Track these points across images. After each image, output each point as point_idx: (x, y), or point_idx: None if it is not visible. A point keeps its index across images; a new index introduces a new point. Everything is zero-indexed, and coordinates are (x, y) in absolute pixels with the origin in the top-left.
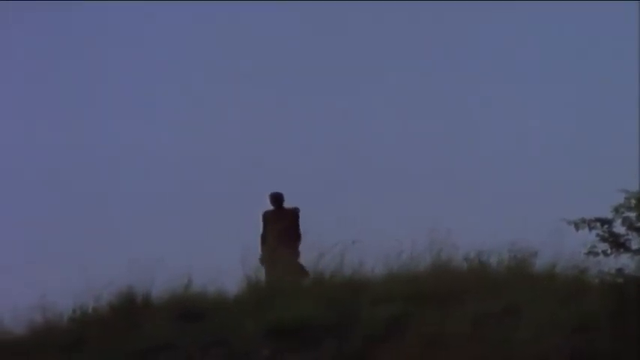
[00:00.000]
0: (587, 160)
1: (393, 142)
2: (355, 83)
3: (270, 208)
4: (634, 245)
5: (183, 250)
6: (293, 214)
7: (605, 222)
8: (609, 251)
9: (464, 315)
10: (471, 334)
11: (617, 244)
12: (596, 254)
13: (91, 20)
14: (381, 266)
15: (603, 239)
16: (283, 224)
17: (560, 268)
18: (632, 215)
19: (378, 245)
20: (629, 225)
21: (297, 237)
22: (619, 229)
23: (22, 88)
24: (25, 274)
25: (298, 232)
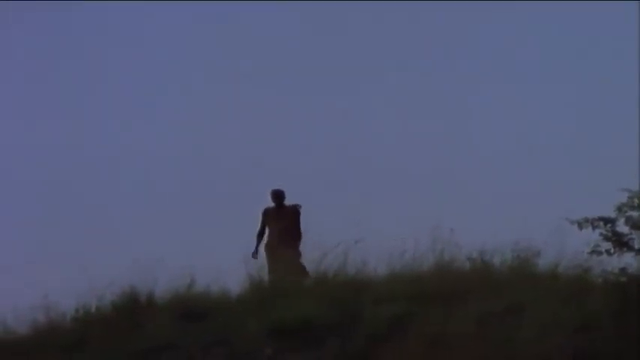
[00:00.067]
0: (587, 160)
1: (393, 142)
2: (355, 83)
3: (271, 204)
4: (637, 244)
5: (185, 249)
6: (294, 212)
7: (608, 221)
8: (612, 250)
9: (467, 314)
10: (474, 333)
11: (621, 243)
12: (599, 253)
13: (91, 20)
14: (383, 266)
15: (606, 238)
16: (284, 222)
17: (563, 267)
18: (635, 214)
19: (380, 245)
20: (633, 224)
21: (297, 235)
22: (622, 228)
23: (22, 88)
24: (27, 274)
25: (299, 230)
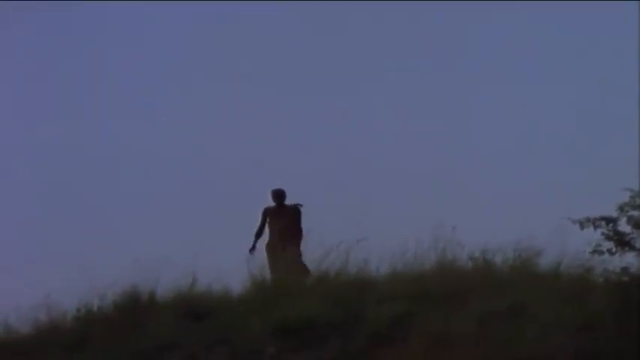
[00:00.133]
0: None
1: (393, 142)
2: (355, 83)
3: (271, 204)
4: (639, 244)
5: (187, 249)
6: (295, 212)
7: (610, 220)
8: (614, 250)
9: (468, 314)
10: (476, 333)
11: (622, 242)
12: (601, 253)
13: (91, 20)
14: (385, 265)
15: (608, 238)
16: (284, 222)
17: (564, 266)
18: (637, 214)
19: (382, 244)
20: (635, 223)
21: (298, 234)
22: (624, 227)
23: (22, 88)
24: (28, 274)
25: (300, 229)
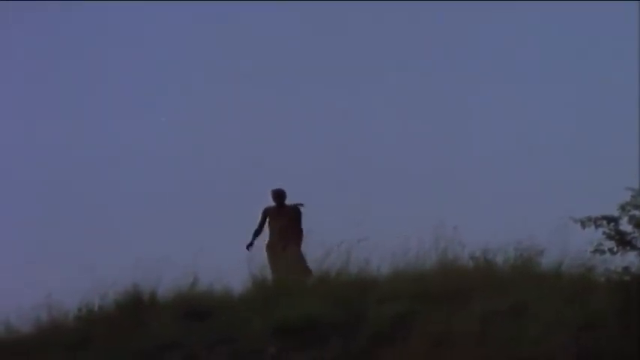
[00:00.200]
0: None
1: (393, 142)
2: (355, 83)
3: (271, 204)
4: None
5: (188, 248)
6: (295, 212)
7: (611, 220)
8: (616, 249)
9: (470, 313)
10: (478, 332)
11: (624, 242)
12: (603, 252)
13: (91, 20)
14: (387, 265)
15: (610, 237)
16: (284, 222)
17: (566, 266)
18: (638, 213)
19: (383, 243)
20: (636, 223)
21: (299, 234)
22: (625, 227)
23: (22, 88)
24: (30, 274)
25: (300, 229)
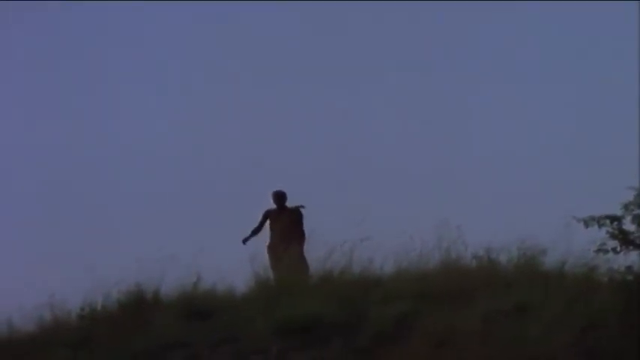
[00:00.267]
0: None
1: (394, 142)
2: (355, 83)
3: (273, 206)
4: None
5: (191, 248)
6: (296, 214)
7: (614, 219)
8: (619, 249)
9: (473, 313)
10: (481, 332)
11: (627, 241)
12: (606, 252)
13: (91, 20)
14: (390, 264)
15: (613, 236)
16: (285, 224)
17: (569, 265)
18: None
19: (386, 243)
20: (639, 222)
21: (300, 236)
22: (629, 226)
23: (22, 88)
24: (33, 273)
25: (302, 231)
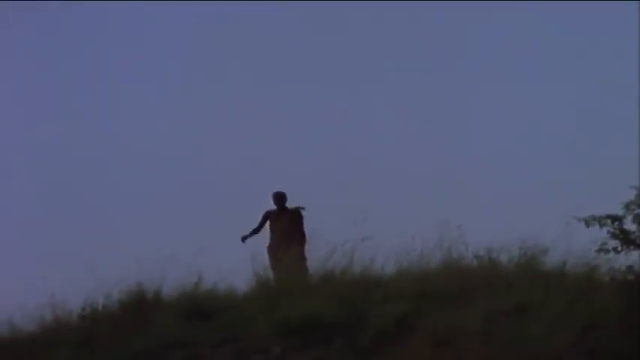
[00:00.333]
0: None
1: (394, 142)
2: (355, 83)
3: (273, 207)
4: None
5: (192, 248)
6: (296, 215)
7: (615, 219)
8: (620, 248)
9: (474, 313)
10: (482, 331)
11: (628, 241)
12: (607, 251)
13: (91, 20)
14: (391, 264)
15: (614, 236)
16: (285, 225)
17: (570, 265)
18: None
19: (387, 243)
20: None
21: (301, 237)
22: (630, 225)
23: (22, 88)
24: (34, 273)
25: (302, 232)
